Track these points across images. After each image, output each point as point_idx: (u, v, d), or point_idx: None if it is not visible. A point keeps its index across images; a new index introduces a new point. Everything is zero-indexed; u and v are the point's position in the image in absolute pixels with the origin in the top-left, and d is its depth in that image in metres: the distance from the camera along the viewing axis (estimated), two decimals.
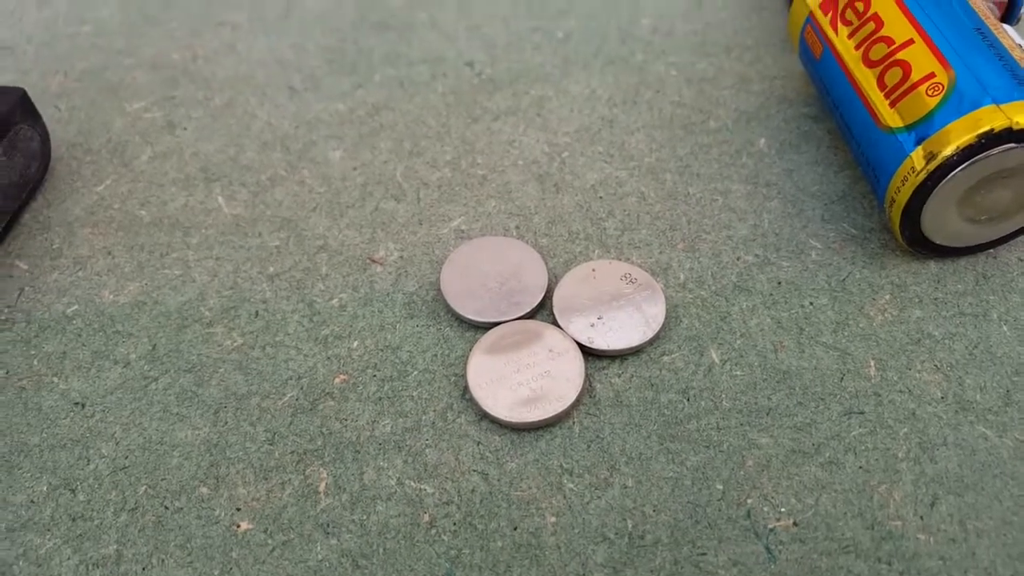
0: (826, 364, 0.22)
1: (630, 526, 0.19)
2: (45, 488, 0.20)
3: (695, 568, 0.19)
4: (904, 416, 0.21)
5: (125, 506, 0.20)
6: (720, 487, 0.20)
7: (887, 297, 0.23)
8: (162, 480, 0.20)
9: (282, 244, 0.24)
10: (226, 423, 0.21)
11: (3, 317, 0.23)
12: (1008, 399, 0.21)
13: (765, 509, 0.20)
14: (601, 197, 0.25)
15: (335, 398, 0.21)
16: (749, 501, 0.20)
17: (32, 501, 0.20)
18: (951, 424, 0.21)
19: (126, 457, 0.21)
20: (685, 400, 0.21)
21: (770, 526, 0.19)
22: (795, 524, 0.19)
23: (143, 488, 0.20)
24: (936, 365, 0.22)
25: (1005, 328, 0.22)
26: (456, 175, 0.26)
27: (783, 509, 0.20)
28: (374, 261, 0.24)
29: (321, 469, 0.20)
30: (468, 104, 0.28)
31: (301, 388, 0.21)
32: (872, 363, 0.22)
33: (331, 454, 0.20)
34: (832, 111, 0.25)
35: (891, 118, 0.22)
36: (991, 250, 0.24)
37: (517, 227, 0.25)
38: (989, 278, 0.23)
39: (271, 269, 0.24)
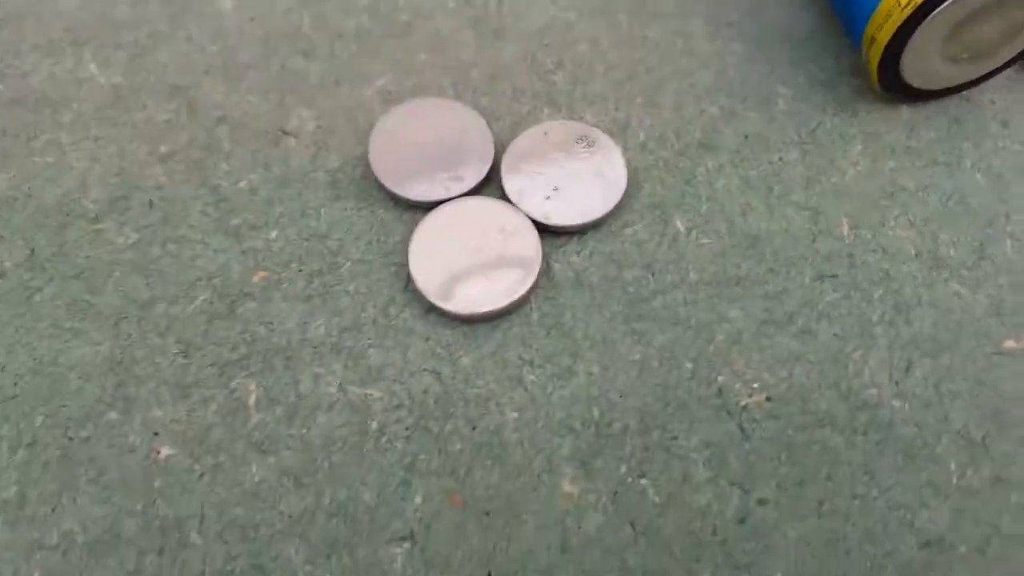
0: (797, 225, 0.20)
1: (596, 415, 0.18)
2: None
3: (666, 453, 0.18)
4: (878, 277, 0.20)
5: (21, 441, 0.17)
6: (689, 366, 0.18)
7: (859, 147, 0.21)
8: (62, 407, 0.17)
9: (173, 117, 0.20)
10: (130, 336, 0.18)
11: None
12: (982, 253, 0.20)
13: (737, 386, 0.18)
14: (548, 44, 0.22)
15: (256, 299, 0.18)
16: (720, 379, 0.18)
17: None
18: (925, 283, 0.20)
19: (15, 384, 0.18)
20: (650, 275, 0.19)
21: (742, 403, 0.18)
22: (768, 400, 0.18)
23: (40, 419, 0.17)
24: (910, 220, 0.20)
25: (979, 176, 0.21)
26: (376, 23, 0.22)
27: (755, 385, 0.18)
28: (287, 133, 0.20)
29: (248, 381, 0.18)
30: None
31: (214, 289, 0.19)
32: (845, 221, 0.20)
33: (258, 363, 0.18)
34: None
35: None
36: (964, 92, 0.22)
37: (453, 85, 0.21)
38: (962, 123, 0.22)
39: (163, 148, 0.20)
